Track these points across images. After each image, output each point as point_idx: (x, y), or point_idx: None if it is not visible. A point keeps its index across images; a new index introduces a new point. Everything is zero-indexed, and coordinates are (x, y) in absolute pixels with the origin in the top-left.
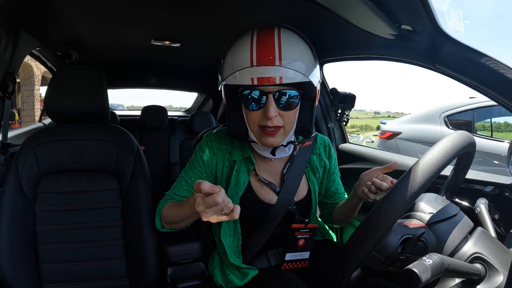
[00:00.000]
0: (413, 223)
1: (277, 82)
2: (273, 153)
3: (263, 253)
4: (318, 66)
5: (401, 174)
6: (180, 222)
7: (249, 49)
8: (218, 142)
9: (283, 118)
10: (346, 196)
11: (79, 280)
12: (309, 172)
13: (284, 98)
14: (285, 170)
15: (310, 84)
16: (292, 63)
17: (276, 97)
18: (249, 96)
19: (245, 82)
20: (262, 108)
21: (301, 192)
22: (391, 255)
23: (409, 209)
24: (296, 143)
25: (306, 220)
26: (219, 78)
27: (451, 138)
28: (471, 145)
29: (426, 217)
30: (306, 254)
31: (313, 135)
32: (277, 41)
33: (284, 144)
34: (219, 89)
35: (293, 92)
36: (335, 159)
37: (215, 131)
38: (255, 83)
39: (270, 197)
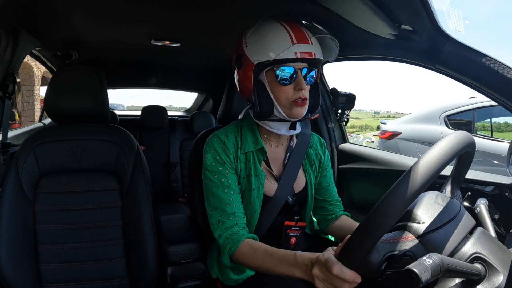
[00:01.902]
0: (402, 237)
1: (313, 56)
2: (293, 127)
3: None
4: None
5: (401, 174)
6: (267, 271)
7: (285, 31)
8: (229, 140)
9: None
10: (337, 196)
11: (79, 280)
12: (306, 164)
13: (309, 74)
14: (286, 160)
15: (320, 62)
16: (317, 44)
17: (303, 73)
18: (283, 73)
19: (289, 56)
20: (293, 83)
21: (300, 183)
22: (376, 272)
23: (405, 218)
24: (310, 116)
25: (297, 217)
26: (249, 59)
27: (451, 138)
28: (471, 145)
29: (421, 227)
30: None
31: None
32: (304, 28)
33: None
34: (255, 66)
35: (314, 69)
36: (328, 156)
37: (218, 133)
38: (299, 56)
39: (273, 186)
